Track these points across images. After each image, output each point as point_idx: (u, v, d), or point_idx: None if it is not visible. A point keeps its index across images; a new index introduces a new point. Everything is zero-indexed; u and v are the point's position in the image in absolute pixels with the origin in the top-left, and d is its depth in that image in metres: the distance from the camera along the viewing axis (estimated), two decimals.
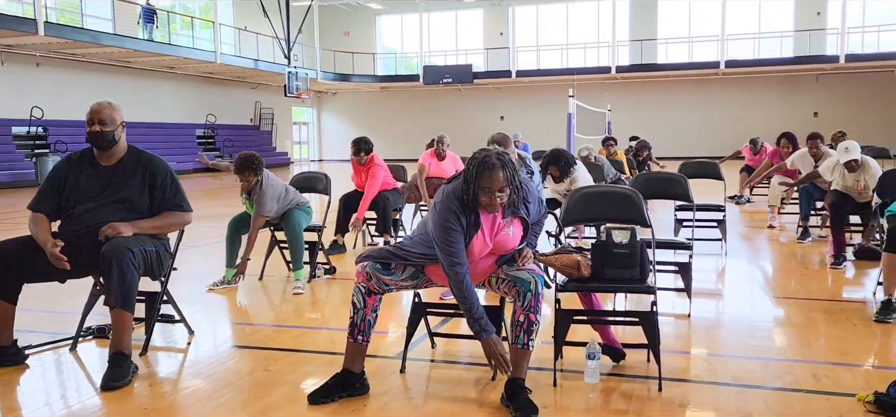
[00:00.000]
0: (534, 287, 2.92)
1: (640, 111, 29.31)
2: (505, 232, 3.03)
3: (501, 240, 3.03)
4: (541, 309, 2.96)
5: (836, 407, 2.93)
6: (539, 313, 2.95)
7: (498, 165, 2.87)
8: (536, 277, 2.95)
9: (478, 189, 2.89)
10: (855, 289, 5.40)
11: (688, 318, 4.45)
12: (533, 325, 2.93)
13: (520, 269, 3.00)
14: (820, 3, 27.61)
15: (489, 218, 3.02)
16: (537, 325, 2.95)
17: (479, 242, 2.99)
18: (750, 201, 11.36)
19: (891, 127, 25.36)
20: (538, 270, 3.02)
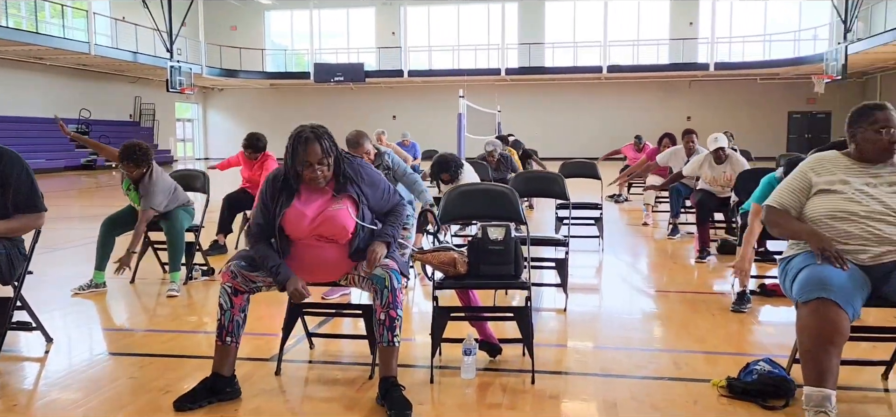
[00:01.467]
0: (389, 283, 2.92)
1: (529, 112, 30.11)
2: (332, 207, 3.03)
3: (328, 216, 3.02)
4: (400, 303, 2.96)
5: (693, 393, 3.11)
6: (399, 308, 2.95)
7: (313, 138, 2.94)
8: (391, 272, 2.95)
9: (297, 164, 2.95)
10: (717, 282, 5.75)
11: (564, 313, 4.60)
12: (395, 321, 2.93)
13: (374, 267, 2.99)
14: (692, 13, 29.35)
15: (315, 194, 3.05)
16: (399, 320, 2.95)
17: (294, 211, 3.01)
18: (628, 200, 11.90)
19: (753, 130, 27.28)
20: (393, 264, 3.02)
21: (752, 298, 4.71)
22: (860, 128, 2.90)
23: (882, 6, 22.62)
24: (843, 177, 2.90)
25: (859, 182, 2.87)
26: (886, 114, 2.86)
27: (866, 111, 2.91)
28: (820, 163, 2.97)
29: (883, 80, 27.30)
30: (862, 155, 2.91)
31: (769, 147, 23.92)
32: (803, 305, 2.64)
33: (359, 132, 4.94)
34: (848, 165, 2.93)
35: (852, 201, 2.83)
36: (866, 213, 2.81)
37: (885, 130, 2.83)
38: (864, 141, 2.89)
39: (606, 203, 11.62)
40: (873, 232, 2.79)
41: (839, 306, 2.56)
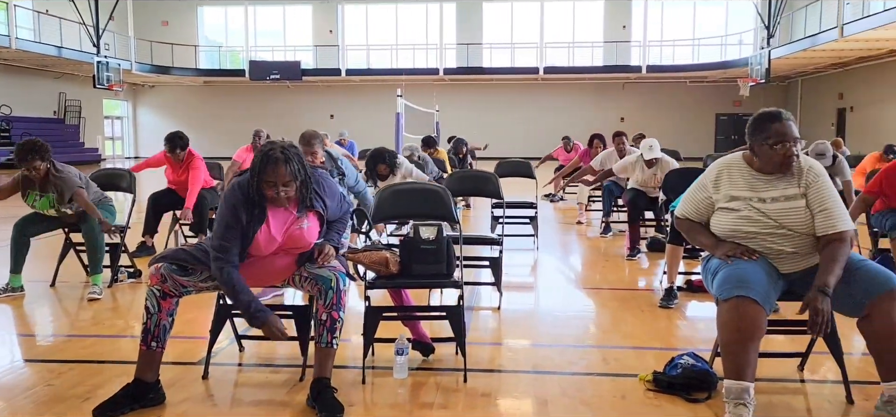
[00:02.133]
0: (335, 284, 2.90)
1: (467, 112, 30.27)
2: (297, 226, 2.98)
3: (295, 235, 2.98)
4: (344, 306, 2.94)
5: (621, 388, 3.18)
6: (342, 310, 2.93)
7: (281, 159, 2.83)
8: (338, 274, 2.93)
9: (262, 183, 2.85)
10: (646, 278, 5.90)
11: (498, 311, 4.64)
12: (336, 323, 2.91)
13: (321, 267, 2.97)
14: (625, 17, 30.04)
15: (281, 213, 2.96)
16: (340, 323, 2.93)
17: (264, 236, 2.93)
18: (563, 199, 12.09)
19: (683, 131, 28.15)
20: (340, 267, 3.00)
21: (679, 294, 4.84)
22: (757, 142, 2.88)
23: (802, 14, 23.63)
24: (742, 192, 2.91)
25: (755, 198, 2.89)
26: (782, 126, 2.82)
27: (762, 124, 2.87)
28: (721, 175, 2.98)
29: (803, 84, 28.55)
30: (761, 167, 2.91)
31: (698, 147, 24.67)
32: (723, 302, 2.72)
33: (314, 133, 4.83)
34: (749, 175, 2.94)
35: (748, 220, 2.88)
36: (763, 231, 2.87)
37: (780, 145, 2.81)
38: (762, 155, 2.87)
39: (542, 202, 11.82)
40: (772, 247, 2.87)
41: (757, 303, 2.65)
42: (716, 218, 3.02)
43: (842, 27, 19.24)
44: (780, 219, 2.85)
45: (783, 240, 2.87)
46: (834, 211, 2.83)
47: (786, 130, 2.83)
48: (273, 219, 2.94)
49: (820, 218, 2.83)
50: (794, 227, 2.86)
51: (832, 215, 2.82)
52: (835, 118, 25.88)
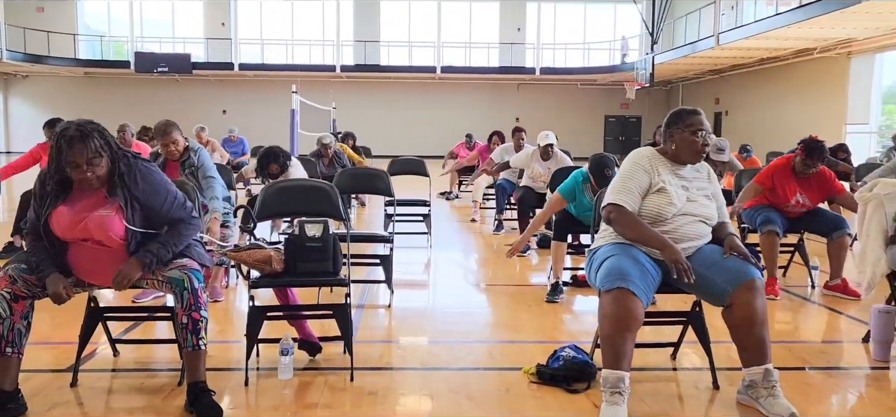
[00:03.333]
0: (189, 284, 2.79)
1: (365, 110, 30.05)
2: (100, 211, 2.80)
3: (95, 220, 2.79)
4: (204, 304, 2.83)
5: (506, 381, 3.25)
6: (203, 309, 2.82)
7: (78, 137, 2.69)
8: (190, 273, 2.82)
9: (65, 165, 2.72)
10: (536, 275, 6.05)
11: (389, 309, 4.63)
12: (198, 324, 2.79)
13: (170, 268, 2.85)
14: (520, 19, 30.72)
15: (87, 196, 2.83)
16: (204, 322, 2.81)
17: (58, 214, 2.78)
18: (458, 197, 12.22)
19: (574, 131, 29.05)
20: (193, 264, 2.89)
21: (565, 289, 5.00)
22: (678, 130, 3.08)
23: (682, 22, 24.94)
24: (667, 177, 3.08)
25: (677, 183, 3.09)
26: (700, 119, 3.08)
27: (684, 114, 3.11)
28: (650, 162, 3.10)
29: (683, 89, 30.14)
30: (677, 156, 3.10)
31: (588, 148, 25.51)
32: (605, 293, 2.83)
33: (168, 122, 4.64)
34: (665, 164, 3.12)
35: (673, 204, 3.03)
36: (681, 214, 3.04)
37: (700, 133, 3.05)
38: (682, 142, 3.07)
39: (437, 200, 11.90)
40: (683, 231, 3.03)
41: (635, 295, 2.77)
42: (647, 203, 3.06)
43: (718, 36, 20.46)
44: (698, 208, 3.08)
45: (689, 226, 3.05)
46: (720, 200, 3.22)
47: (703, 122, 3.10)
48: (75, 197, 2.82)
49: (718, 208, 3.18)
50: (705, 215, 3.09)
51: (723, 207, 3.22)
52: (712, 121, 27.47)
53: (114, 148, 2.80)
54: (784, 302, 4.98)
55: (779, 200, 5.14)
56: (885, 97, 19.68)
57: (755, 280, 2.85)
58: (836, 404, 3.15)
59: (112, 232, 2.80)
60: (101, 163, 2.75)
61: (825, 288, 5.15)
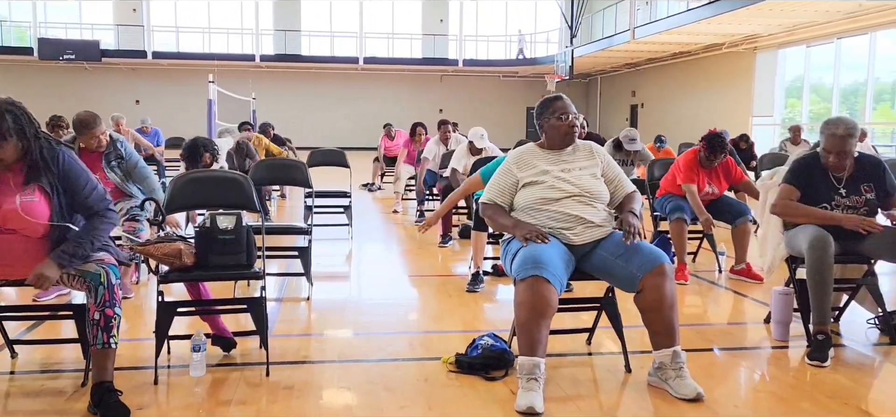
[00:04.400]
0: (106, 279, 2.68)
1: (286, 101, 29.52)
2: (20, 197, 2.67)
3: (12, 208, 2.67)
4: (118, 301, 2.72)
5: (424, 371, 3.25)
6: (117, 306, 2.71)
7: None
8: (108, 268, 2.70)
9: None
10: (456, 265, 6.08)
11: (308, 301, 4.56)
12: (111, 321, 2.68)
13: (86, 262, 2.72)
14: (443, 11, 30.79)
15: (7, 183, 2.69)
16: (117, 320, 2.70)
17: None
18: (381, 188, 12.16)
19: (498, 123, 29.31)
20: (110, 259, 2.78)
21: (485, 279, 5.04)
22: (545, 119, 3.27)
23: (600, 16, 25.57)
24: (543, 167, 3.21)
25: (556, 169, 3.20)
26: (563, 103, 3.25)
27: (547, 103, 3.29)
28: (521, 158, 3.28)
29: (602, 81, 30.96)
30: (551, 142, 3.28)
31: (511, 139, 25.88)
32: (520, 282, 2.87)
33: (90, 113, 4.41)
34: (544, 155, 3.27)
35: (553, 188, 3.14)
36: (565, 196, 3.13)
37: (565, 116, 3.21)
38: (550, 128, 3.25)
39: (360, 191, 11.82)
40: (572, 212, 3.11)
41: (549, 282, 2.82)
42: (521, 194, 3.21)
43: (633, 30, 21.08)
44: (582, 185, 3.15)
45: (584, 207, 3.13)
46: (624, 180, 3.32)
47: (567, 106, 3.25)
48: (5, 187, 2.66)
49: (615, 185, 3.28)
50: (593, 193, 3.17)
51: (624, 182, 3.31)
52: (628, 113, 28.32)
53: (28, 131, 2.64)
54: (693, 286, 5.18)
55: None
56: (788, 91, 20.74)
57: (664, 265, 2.95)
58: (739, 383, 3.29)
59: (36, 218, 2.66)
60: (10, 147, 2.59)
61: (731, 273, 5.39)
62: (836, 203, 3.65)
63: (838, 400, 2.95)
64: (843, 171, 3.65)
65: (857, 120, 17.79)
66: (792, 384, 3.19)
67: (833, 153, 3.59)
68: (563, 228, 3.11)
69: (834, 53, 18.25)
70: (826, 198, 3.66)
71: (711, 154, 5.29)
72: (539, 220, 3.14)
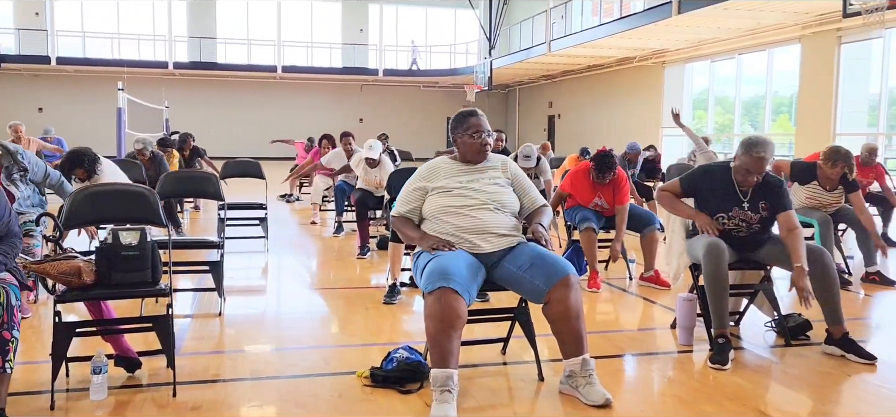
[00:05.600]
0: (5, 299, 2.54)
1: (202, 110, 28.71)
2: None
3: None
4: (17, 324, 2.59)
5: (339, 386, 3.21)
6: (16, 329, 2.58)
7: None
8: (8, 288, 2.57)
9: None
10: (374, 276, 6.04)
11: (220, 317, 4.43)
12: (8, 344, 2.54)
13: None
14: (362, 20, 30.66)
15: None
16: (14, 343, 2.57)
17: None
18: (299, 199, 11.98)
19: (419, 132, 29.51)
20: (10, 279, 2.64)
21: (403, 290, 5.03)
22: (459, 134, 3.32)
23: (517, 28, 26.06)
24: (453, 178, 3.25)
25: (466, 179, 3.25)
26: (478, 120, 3.28)
27: (462, 118, 3.33)
28: (431, 171, 3.33)
29: (520, 92, 31.52)
30: (463, 156, 3.33)
31: (431, 148, 26.04)
32: (429, 295, 2.89)
33: None
34: (455, 167, 3.31)
35: (461, 197, 3.19)
36: (473, 205, 3.18)
37: (478, 134, 3.25)
38: (463, 145, 3.30)
39: (277, 203, 11.60)
40: (480, 219, 3.16)
41: (458, 293, 2.84)
42: (430, 202, 3.24)
43: (550, 43, 21.58)
44: (492, 195, 3.21)
45: (492, 214, 3.18)
46: (534, 192, 3.39)
47: (481, 123, 3.28)
48: None
49: (526, 199, 3.35)
50: (503, 203, 3.22)
51: (533, 194, 3.39)
52: (546, 124, 28.92)
53: None
54: (605, 293, 5.33)
55: (583, 203, 5.53)
56: (695, 103, 21.67)
57: (569, 277, 3.02)
58: (646, 387, 3.41)
59: None
60: None
61: (641, 280, 5.57)
62: (734, 213, 3.83)
63: (737, 402, 3.09)
64: (750, 187, 3.83)
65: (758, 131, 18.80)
66: (695, 387, 3.32)
67: (745, 170, 3.75)
68: (471, 236, 3.15)
69: (736, 68, 19.19)
70: (723, 208, 3.83)
71: (600, 174, 5.45)
72: (446, 227, 3.17)
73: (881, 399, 3.22)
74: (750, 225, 3.83)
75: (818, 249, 3.75)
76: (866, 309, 5.05)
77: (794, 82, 16.71)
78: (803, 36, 15.88)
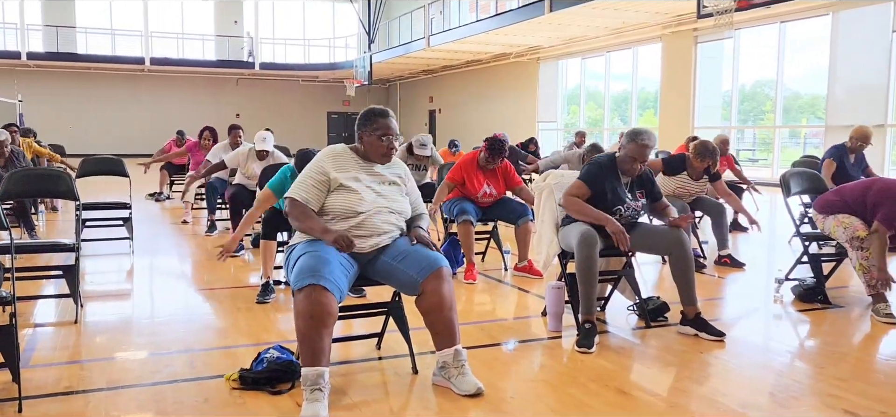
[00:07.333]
0: None
1: (61, 103, 26.84)
2: None
3: None
4: None
5: (205, 391, 3.08)
6: None
7: None
8: None
9: None
10: (249, 275, 5.86)
11: (76, 325, 4.15)
12: None
13: None
14: (237, 12, 29.66)
15: None
16: None
17: None
18: (169, 198, 11.43)
19: (298, 128, 28.93)
20: None
21: (277, 288, 4.91)
22: (366, 133, 3.20)
23: (397, 23, 26.08)
24: (356, 174, 3.17)
25: (368, 180, 3.18)
26: (387, 121, 3.17)
27: (371, 116, 3.19)
28: (336, 159, 3.19)
29: (401, 87, 31.58)
30: (367, 154, 3.23)
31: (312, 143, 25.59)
32: (299, 292, 2.82)
33: None
34: (358, 162, 3.22)
35: (363, 200, 3.12)
36: (371, 209, 3.12)
37: (386, 137, 3.17)
38: (370, 144, 3.20)
39: (146, 201, 11.01)
40: (374, 225, 3.13)
41: (328, 290, 2.80)
42: (333, 198, 3.12)
43: (429, 38, 21.75)
44: (390, 201, 3.18)
45: (386, 221, 3.15)
46: (417, 198, 3.40)
47: (390, 125, 3.19)
48: None
49: (414, 201, 3.38)
50: (398, 209, 3.21)
51: (417, 200, 3.39)
52: (427, 118, 29.15)
53: None
54: (482, 284, 5.43)
55: (470, 192, 5.62)
56: (569, 98, 22.53)
57: (442, 269, 3.05)
58: (517, 374, 3.49)
59: None
60: None
61: (515, 270, 5.72)
62: (628, 204, 4.02)
63: (600, 383, 3.23)
64: (633, 177, 4.04)
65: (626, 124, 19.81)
66: (562, 371, 3.44)
67: (638, 161, 3.96)
68: (360, 239, 3.10)
69: (605, 65, 20.11)
70: (619, 201, 4.00)
71: (491, 156, 5.59)
72: (340, 227, 3.10)
73: (729, 372, 3.47)
74: (637, 213, 4.05)
75: (676, 233, 3.98)
76: (719, 289, 5.43)
77: (658, 79, 17.74)
78: (664, 35, 16.87)
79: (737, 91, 16.45)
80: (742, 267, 6.04)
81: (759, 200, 8.31)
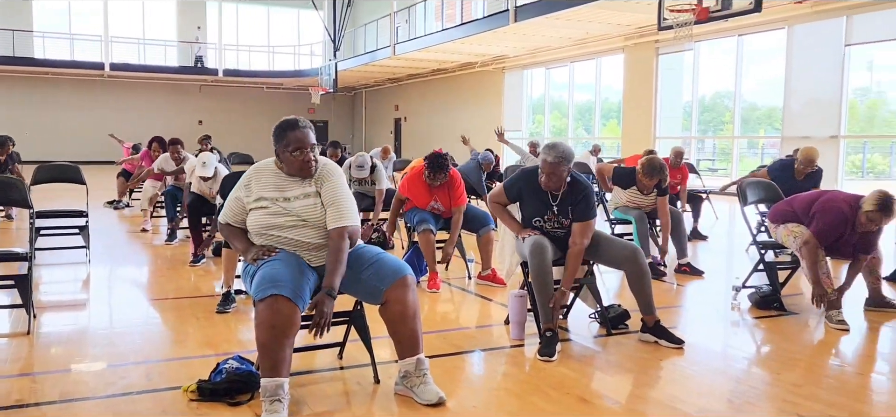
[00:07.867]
0: None
1: (16, 109, 26.16)
2: None
3: None
4: None
5: (162, 403, 3.03)
6: None
7: None
8: None
9: None
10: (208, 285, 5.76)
11: (28, 336, 4.04)
12: None
13: None
14: (200, 18, 29.26)
15: None
16: None
17: None
18: (129, 205, 11.22)
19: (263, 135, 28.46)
20: None
21: (238, 298, 4.84)
22: (281, 148, 3.06)
23: (362, 31, 26.01)
24: (271, 192, 3.08)
25: (281, 197, 3.08)
26: (299, 133, 3.00)
27: (283, 131, 3.04)
28: (258, 175, 3.14)
29: (367, 95, 31.49)
30: (287, 171, 3.10)
31: None
32: (259, 302, 2.79)
33: None
34: (277, 178, 3.12)
35: (278, 216, 3.06)
36: (288, 224, 3.06)
37: (299, 152, 3.00)
38: (287, 161, 3.05)
39: (104, 209, 10.80)
40: (300, 240, 3.06)
41: (289, 300, 2.77)
42: (250, 217, 3.13)
43: (394, 46, 21.74)
44: (302, 215, 3.06)
45: (308, 234, 3.07)
46: (341, 207, 3.05)
47: (303, 137, 3.03)
48: None
49: (330, 212, 3.04)
50: (314, 221, 3.07)
51: (339, 210, 3.04)
52: (393, 126, 29.10)
53: None
54: (445, 293, 5.43)
55: (420, 206, 5.61)
56: (534, 108, 22.69)
57: (407, 277, 3.05)
58: (479, 383, 3.51)
59: None
60: None
61: (479, 279, 5.74)
62: (548, 217, 4.01)
63: (561, 391, 3.26)
64: (557, 191, 3.99)
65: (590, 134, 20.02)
66: (525, 379, 3.46)
67: (544, 174, 3.90)
68: (302, 252, 3.07)
69: (569, 75, 20.32)
70: (540, 212, 4.01)
71: (432, 173, 5.53)
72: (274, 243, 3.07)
73: (686, 378, 3.53)
74: (564, 228, 4.01)
75: (631, 248, 4.02)
76: (678, 297, 5.51)
77: (621, 89, 17.98)
78: (626, 46, 17.13)
79: (697, 102, 16.76)
80: (701, 274, 6.14)
81: (718, 209, 8.45)
